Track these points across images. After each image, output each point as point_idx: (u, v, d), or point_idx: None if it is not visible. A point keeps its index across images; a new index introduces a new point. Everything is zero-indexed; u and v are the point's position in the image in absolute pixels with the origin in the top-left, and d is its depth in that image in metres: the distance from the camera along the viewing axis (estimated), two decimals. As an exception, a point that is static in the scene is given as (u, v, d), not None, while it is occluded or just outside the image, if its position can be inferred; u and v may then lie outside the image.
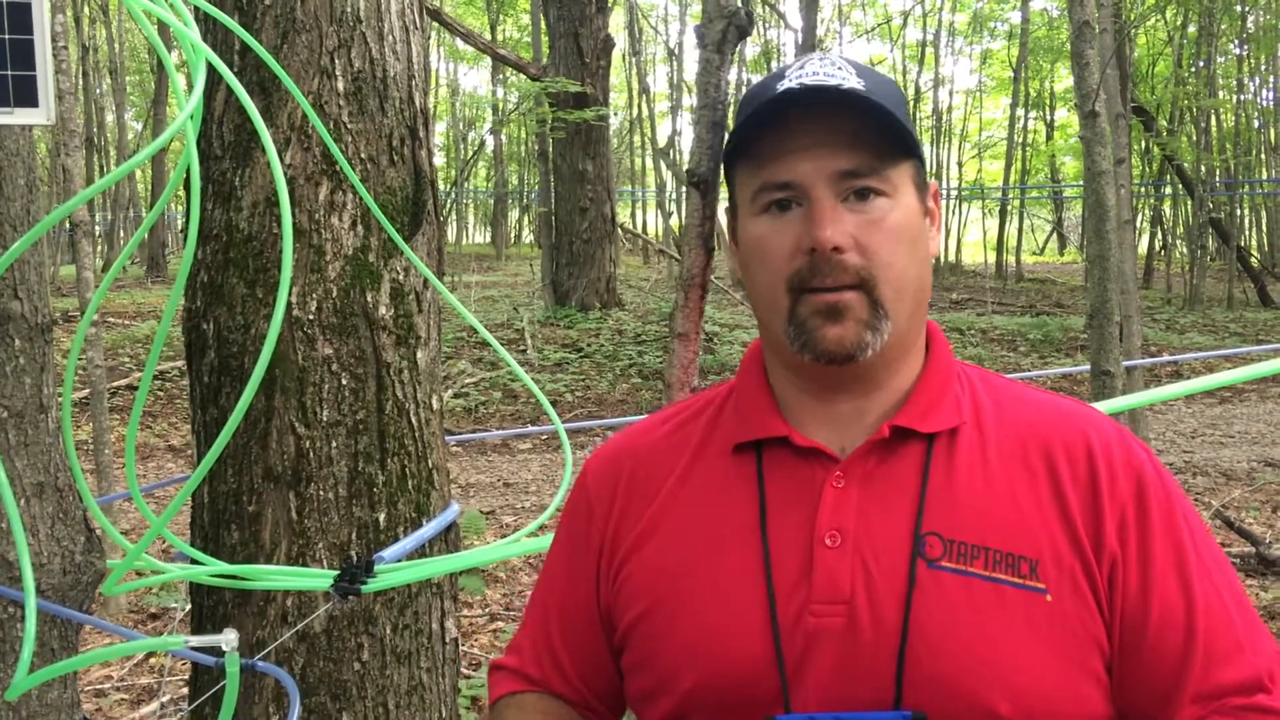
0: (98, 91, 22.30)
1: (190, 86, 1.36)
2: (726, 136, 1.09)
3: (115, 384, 10.45)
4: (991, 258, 24.72)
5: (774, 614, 1.05)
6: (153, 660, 4.44)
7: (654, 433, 1.24)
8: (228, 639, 1.21)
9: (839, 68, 1.09)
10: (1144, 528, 1.06)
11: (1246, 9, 18.79)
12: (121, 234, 22.17)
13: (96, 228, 20.79)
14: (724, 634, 1.06)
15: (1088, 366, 4.71)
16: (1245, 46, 20.50)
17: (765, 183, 1.09)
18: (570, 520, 1.26)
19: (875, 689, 1.01)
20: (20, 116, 1.34)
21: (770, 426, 1.13)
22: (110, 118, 24.41)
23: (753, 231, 1.11)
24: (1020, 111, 24.03)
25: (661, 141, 23.24)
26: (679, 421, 1.23)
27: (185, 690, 3.94)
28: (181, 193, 2.03)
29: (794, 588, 1.05)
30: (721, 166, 1.66)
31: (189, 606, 2.11)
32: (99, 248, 21.27)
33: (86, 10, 19.45)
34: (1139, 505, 1.06)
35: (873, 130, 1.07)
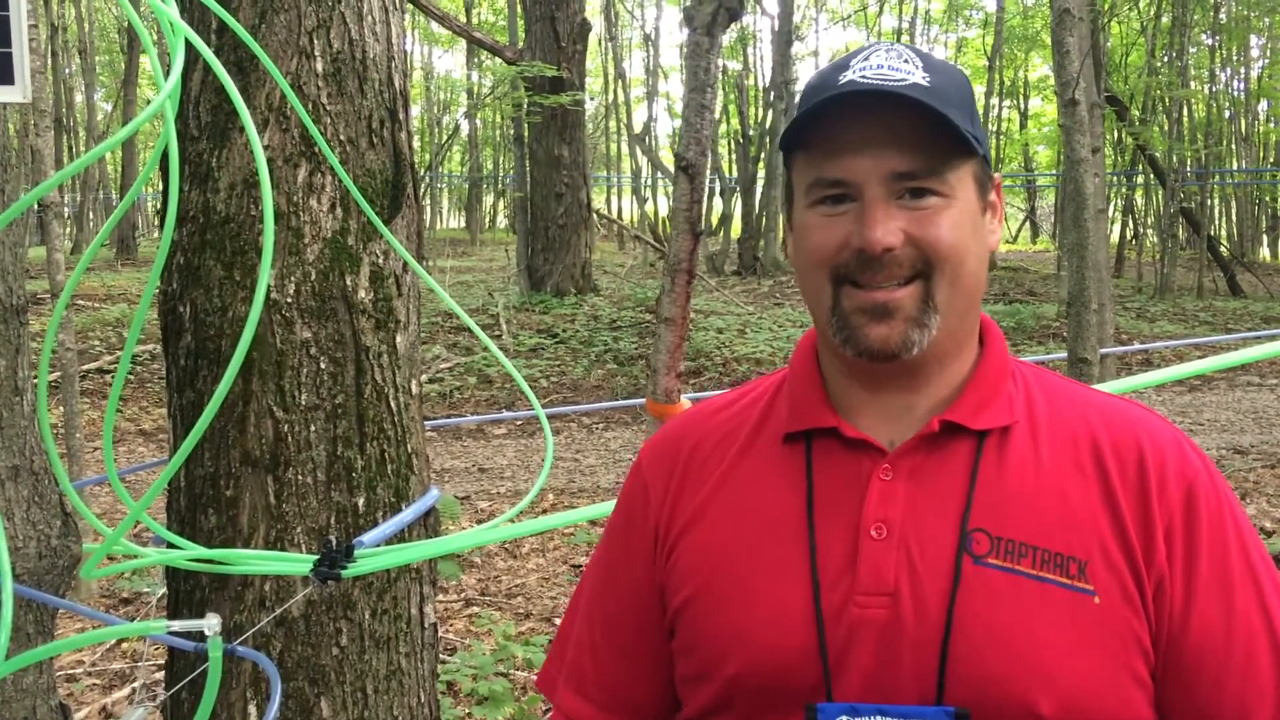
0: (67, 72, 22.01)
1: (168, 66, 1.34)
2: (783, 126, 1.08)
3: (85, 368, 10.35)
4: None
5: (818, 603, 1.04)
6: (125, 645, 4.41)
7: (710, 418, 1.23)
8: (210, 624, 1.20)
9: (904, 60, 1.06)
10: (1191, 540, 1.03)
11: (1219, 0, 18.93)
12: (91, 216, 21.88)
13: (66, 210, 20.54)
14: (768, 622, 1.06)
15: (1061, 354, 4.73)
16: (1217, 37, 20.65)
17: (820, 178, 1.07)
18: (626, 506, 1.24)
19: (918, 683, 1.01)
20: (-5, 94, 1.32)
21: (820, 417, 1.12)
22: (80, 98, 24.10)
23: (805, 223, 1.09)
24: (995, 100, 24.10)
25: (637, 127, 23.20)
26: (735, 409, 1.23)
27: (158, 675, 3.92)
28: (153, 174, 2.01)
29: (838, 578, 1.05)
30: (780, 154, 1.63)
31: (162, 591, 2.09)
32: (68, 230, 21.01)
33: (55, -12, 19.15)
34: (1187, 516, 1.03)
35: (933, 131, 1.03)
